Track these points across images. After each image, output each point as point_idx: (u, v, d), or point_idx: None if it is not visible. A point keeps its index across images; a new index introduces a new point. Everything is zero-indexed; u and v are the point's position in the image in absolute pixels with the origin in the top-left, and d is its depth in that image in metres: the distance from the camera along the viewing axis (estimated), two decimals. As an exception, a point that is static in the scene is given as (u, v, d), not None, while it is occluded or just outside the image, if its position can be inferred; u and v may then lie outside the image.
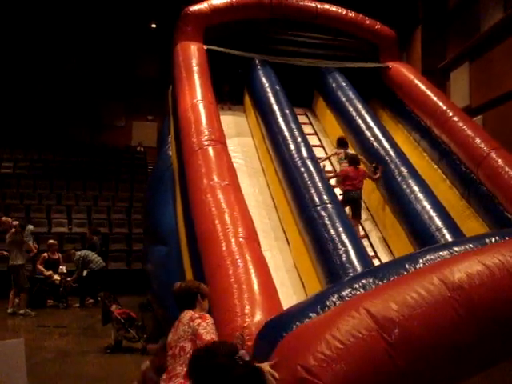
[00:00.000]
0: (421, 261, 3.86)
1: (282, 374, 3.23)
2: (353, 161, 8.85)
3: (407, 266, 3.81)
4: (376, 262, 7.59)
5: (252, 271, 5.73)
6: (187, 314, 3.97)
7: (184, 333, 3.84)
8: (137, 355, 8.40)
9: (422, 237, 7.71)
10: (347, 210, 8.43)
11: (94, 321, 10.58)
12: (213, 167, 7.34)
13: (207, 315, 3.94)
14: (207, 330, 3.76)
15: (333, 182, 9.03)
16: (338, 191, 8.73)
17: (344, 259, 6.56)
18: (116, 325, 8.63)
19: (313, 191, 7.56)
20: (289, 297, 6.77)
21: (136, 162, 21.47)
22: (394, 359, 3.02)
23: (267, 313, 5.07)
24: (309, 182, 7.74)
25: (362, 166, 9.03)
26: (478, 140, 8.86)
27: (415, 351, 3.08)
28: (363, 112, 10.10)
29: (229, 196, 6.80)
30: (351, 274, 6.30)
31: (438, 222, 7.74)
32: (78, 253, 12.86)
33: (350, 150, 9.60)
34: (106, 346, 8.62)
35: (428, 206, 8.00)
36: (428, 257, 3.89)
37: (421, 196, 8.20)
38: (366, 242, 8.22)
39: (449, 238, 7.41)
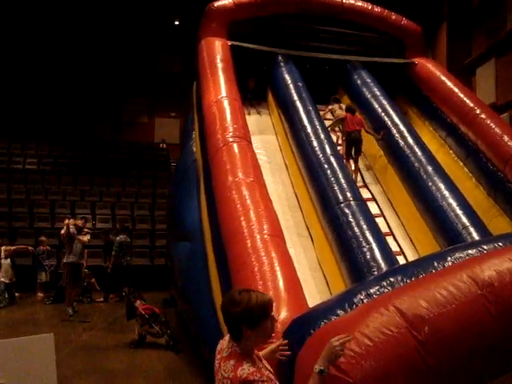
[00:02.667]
0: (449, 259, 3.80)
1: (311, 370, 3.21)
2: (349, 109, 10.19)
3: (436, 264, 3.76)
4: (401, 259, 7.53)
5: (277, 268, 5.72)
6: (228, 364, 2.86)
7: None
8: (160, 350, 8.47)
9: (448, 234, 7.63)
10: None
11: (118, 316, 10.65)
12: (238, 164, 7.32)
13: (253, 375, 2.74)
14: None
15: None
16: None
17: (368, 257, 6.51)
18: (140, 320, 8.69)
19: (336, 188, 7.52)
20: (312, 294, 6.74)
21: (159, 158, 21.57)
22: (423, 356, 2.98)
23: (292, 310, 5.05)
24: (332, 179, 7.70)
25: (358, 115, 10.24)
26: (505, 138, 8.73)
27: (445, 349, 3.03)
28: (388, 108, 10.02)
29: (254, 193, 6.78)
30: (376, 272, 6.26)
31: (465, 219, 7.65)
32: (117, 238, 12.90)
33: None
34: (130, 341, 8.69)
35: (454, 204, 7.91)
36: (457, 255, 3.83)
37: (446, 193, 8.11)
38: (390, 239, 8.15)
39: (475, 236, 7.32)
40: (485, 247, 3.93)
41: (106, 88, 22.69)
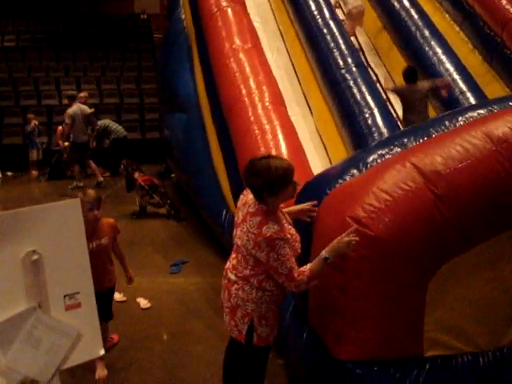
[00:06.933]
0: (461, 118, 3.80)
1: (330, 226, 3.33)
2: None
3: (447, 123, 3.76)
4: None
5: (280, 136, 5.76)
6: (254, 220, 3.00)
7: (247, 246, 3.03)
8: (162, 220, 8.70)
9: (445, 101, 7.63)
10: None
11: (116, 189, 10.79)
12: (234, 30, 7.12)
13: (277, 234, 2.93)
14: (280, 262, 2.93)
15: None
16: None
17: (370, 122, 6.51)
18: (140, 191, 8.83)
19: (337, 54, 7.33)
20: (313, 161, 6.79)
21: (141, 30, 20.80)
22: (441, 210, 3.07)
23: (298, 176, 5.12)
24: (332, 45, 7.48)
25: None
26: (503, 1, 8.45)
27: (461, 202, 3.12)
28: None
29: (252, 60, 6.67)
30: (377, 137, 6.32)
31: (462, 84, 7.62)
32: (99, 122, 12.78)
33: None
34: (132, 212, 8.88)
35: (451, 69, 7.83)
36: (468, 114, 3.82)
37: (444, 58, 7.99)
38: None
39: (472, 101, 7.32)
40: (495, 107, 3.94)
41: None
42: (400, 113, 7.87)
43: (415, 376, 3.19)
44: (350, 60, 7.19)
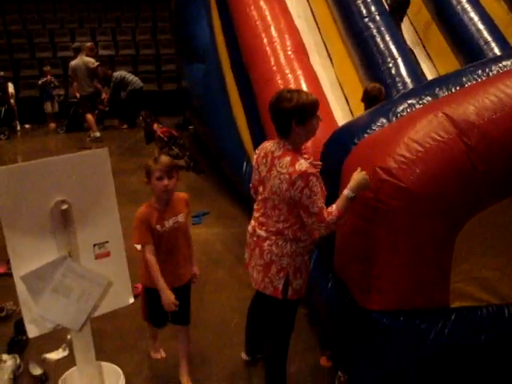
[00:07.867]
0: (494, 67, 3.67)
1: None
2: None
3: (480, 72, 3.66)
4: (422, 77, 7.37)
5: (304, 85, 5.67)
6: (284, 160, 2.98)
7: (279, 190, 2.97)
8: (181, 172, 8.61)
9: (469, 50, 7.41)
10: None
11: (134, 141, 10.77)
12: (253, -24, 6.90)
13: (311, 169, 2.91)
14: (312, 200, 2.88)
15: None
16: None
17: (393, 72, 6.39)
18: (159, 143, 8.78)
19: (359, 1, 7.14)
20: (334, 113, 6.69)
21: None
22: (473, 162, 2.99)
23: (321, 126, 5.06)
24: (355, -8, 7.28)
25: None
26: None
27: (494, 153, 3.03)
28: None
29: (273, 7, 6.50)
30: (401, 88, 6.20)
31: (486, 34, 7.39)
32: (115, 73, 12.69)
33: None
34: (150, 164, 8.85)
35: (476, 18, 7.57)
36: (502, 63, 3.70)
37: (468, 7, 7.73)
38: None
39: (497, 52, 7.12)
40: (529, 56, 3.80)
41: None
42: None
43: (441, 326, 3.19)
44: (373, 8, 6.98)
